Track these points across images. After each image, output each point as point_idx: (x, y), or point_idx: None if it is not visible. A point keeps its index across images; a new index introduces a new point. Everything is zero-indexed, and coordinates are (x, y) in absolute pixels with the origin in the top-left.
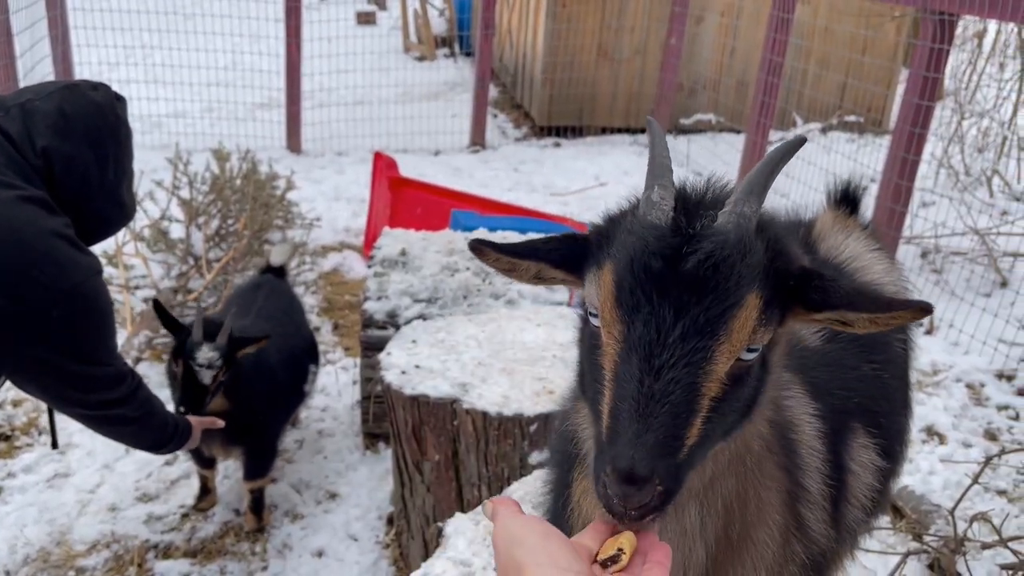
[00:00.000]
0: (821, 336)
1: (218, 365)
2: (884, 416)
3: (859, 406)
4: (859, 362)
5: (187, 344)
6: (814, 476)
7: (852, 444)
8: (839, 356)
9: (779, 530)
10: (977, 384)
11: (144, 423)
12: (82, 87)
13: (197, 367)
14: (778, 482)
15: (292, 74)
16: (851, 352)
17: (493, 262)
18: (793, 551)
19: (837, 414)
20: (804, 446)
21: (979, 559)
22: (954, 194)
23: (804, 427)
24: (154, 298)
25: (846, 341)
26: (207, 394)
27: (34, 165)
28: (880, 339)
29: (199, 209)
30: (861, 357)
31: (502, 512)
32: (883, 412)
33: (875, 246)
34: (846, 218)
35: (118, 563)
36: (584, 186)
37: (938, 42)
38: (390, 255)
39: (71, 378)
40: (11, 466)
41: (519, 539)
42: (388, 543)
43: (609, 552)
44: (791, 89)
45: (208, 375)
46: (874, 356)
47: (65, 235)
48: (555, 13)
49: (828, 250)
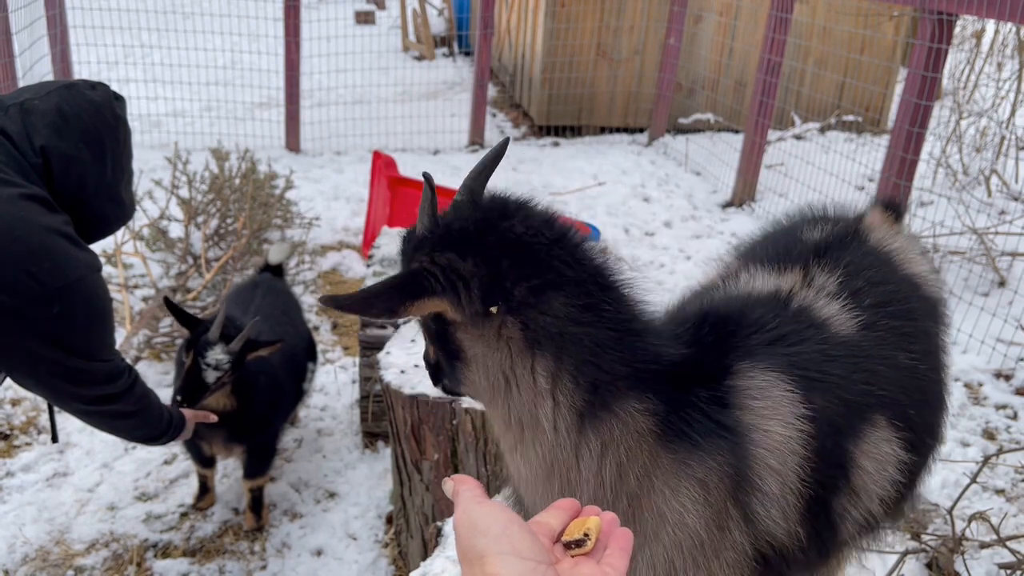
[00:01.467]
0: (857, 323)
1: (225, 368)
2: (914, 408)
3: (884, 398)
4: (895, 351)
5: (201, 340)
6: (779, 476)
7: (869, 438)
8: (872, 346)
9: (709, 515)
10: (975, 383)
11: (141, 417)
12: (80, 86)
13: (204, 365)
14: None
15: (291, 73)
16: (888, 341)
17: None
18: (733, 539)
19: (852, 408)
20: (768, 449)
21: (977, 558)
22: (952, 193)
23: (775, 432)
24: (164, 296)
25: (884, 331)
26: (206, 391)
27: (33, 164)
28: (921, 329)
29: (198, 208)
30: (898, 346)
31: (464, 495)
32: (913, 404)
33: (922, 249)
34: (893, 221)
35: (117, 562)
36: (583, 185)
37: (936, 41)
38: (389, 254)
39: (70, 373)
40: (10, 465)
41: (481, 528)
42: (387, 542)
43: (575, 535)
44: (789, 89)
45: (213, 375)
46: (912, 346)
47: (64, 232)
48: (554, 13)
49: (878, 241)
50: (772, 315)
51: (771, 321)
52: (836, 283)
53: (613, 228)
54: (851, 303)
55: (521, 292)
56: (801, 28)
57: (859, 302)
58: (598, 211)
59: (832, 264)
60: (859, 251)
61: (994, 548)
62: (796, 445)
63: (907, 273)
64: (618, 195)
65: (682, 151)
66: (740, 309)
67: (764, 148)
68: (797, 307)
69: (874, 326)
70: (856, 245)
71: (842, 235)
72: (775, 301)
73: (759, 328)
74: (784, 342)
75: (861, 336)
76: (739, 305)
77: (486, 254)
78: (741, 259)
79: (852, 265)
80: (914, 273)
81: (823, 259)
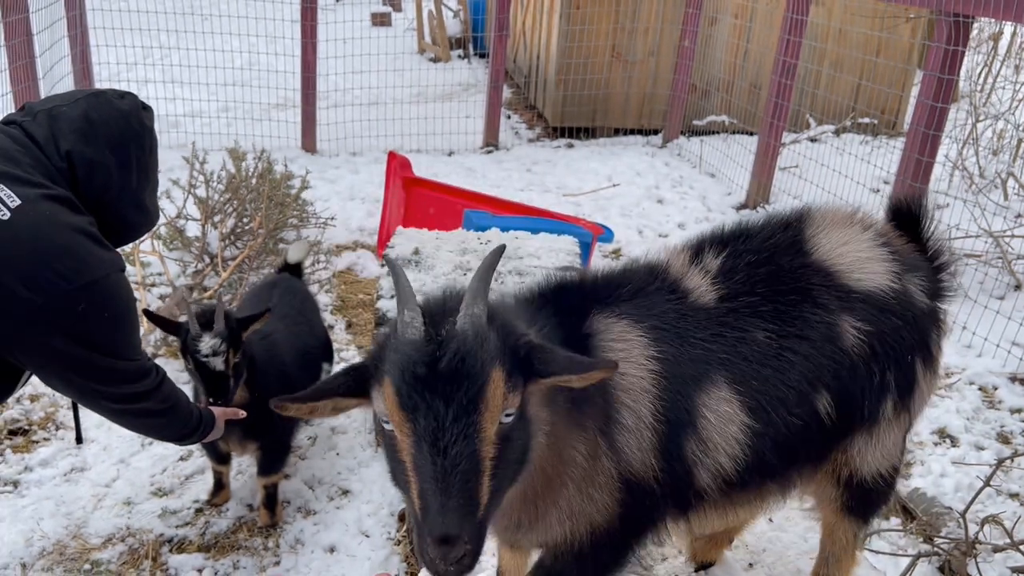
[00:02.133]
0: (717, 296)
1: (223, 350)
2: (757, 379)
3: (725, 361)
4: (751, 328)
5: (188, 340)
6: (632, 411)
7: (710, 393)
8: (725, 317)
9: (587, 449)
10: (990, 387)
11: (169, 416)
12: (109, 95)
13: (204, 358)
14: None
15: (307, 75)
16: (744, 317)
17: (295, 412)
18: (602, 465)
19: (695, 362)
20: (621, 389)
21: (990, 562)
22: (968, 196)
23: (628, 373)
24: (144, 309)
25: (746, 306)
26: (227, 379)
27: (58, 167)
28: (796, 314)
29: (215, 208)
30: (756, 325)
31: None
32: (757, 376)
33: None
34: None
35: (133, 556)
36: (597, 187)
37: (953, 44)
38: (403, 254)
39: (97, 372)
40: (28, 460)
41: None
42: (399, 539)
43: None
44: (804, 91)
45: (218, 361)
46: (775, 327)
47: (88, 231)
48: (569, 15)
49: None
50: (637, 281)
51: (631, 283)
52: (717, 264)
53: (627, 229)
54: (721, 280)
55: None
56: (817, 30)
57: (729, 280)
58: (612, 212)
59: (730, 247)
60: (763, 237)
61: (1007, 552)
62: (647, 384)
63: (808, 260)
64: (632, 196)
65: (696, 153)
66: (607, 277)
67: (779, 150)
68: (666, 278)
69: (732, 299)
70: (767, 233)
71: (763, 226)
72: (649, 272)
73: (617, 287)
74: (639, 298)
75: (716, 306)
76: (610, 275)
77: None
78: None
79: (741, 251)
80: (817, 260)
81: (724, 244)
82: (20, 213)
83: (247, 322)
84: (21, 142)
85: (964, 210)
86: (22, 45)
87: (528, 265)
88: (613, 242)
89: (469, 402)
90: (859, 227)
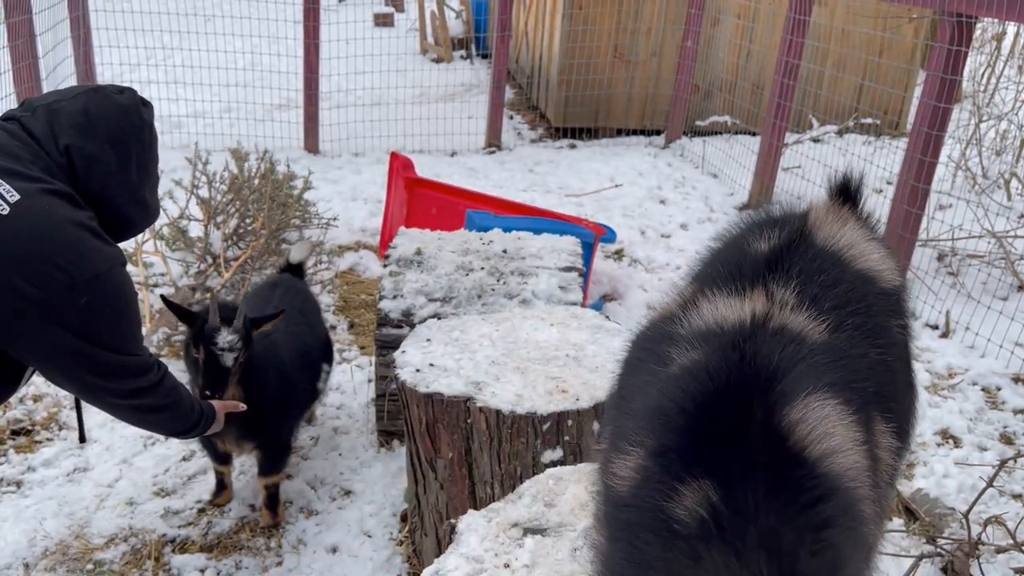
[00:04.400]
0: (826, 328)
1: (239, 347)
2: (894, 399)
3: (874, 394)
4: (866, 349)
5: (205, 330)
6: (868, 499)
7: (876, 433)
8: (847, 347)
9: None
10: (993, 387)
11: (172, 411)
12: (108, 90)
13: (219, 351)
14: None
15: (310, 75)
16: (857, 340)
17: None
18: None
19: (860, 408)
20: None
21: (993, 563)
22: (971, 197)
23: (855, 462)
24: (162, 295)
25: (851, 329)
26: (228, 375)
27: (57, 162)
28: (880, 324)
29: (217, 208)
30: (866, 344)
31: None
32: (892, 395)
33: (871, 235)
34: (840, 209)
35: (135, 556)
36: (599, 187)
37: (955, 44)
38: (405, 254)
39: (99, 367)
40: (31, 460)
41: None
42: (402, 540)
43: None
44: (807, 91)
45: (230, 358)
46: (877, 341)
47: (89, 226)
48: (571, 15)
49: (825, 240)
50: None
51: (775, 352)
52: (794, 295)
53: (629, 230)
54: (814, 311)
55: None
56: (819, 30)
57: (820, 308)
58: (614, 213)
59: (784, 276)
60: (807, 256)
61: (1010, 553)
62: (864, 459)
63: (857, 269)
64: (634, 197)
65: (699, 153)
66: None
67: (781, 151)
68: (774, 328)
69: (840, 328)
70: (804, 249)
71: (788, 242)
72: (754, 328)
73: (773, 363)
74: (800, 364)
75: (833, 339)
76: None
77: None
78: (695, 283)
79: (804, 273)
80: (866, 268)
81: (775, 272)
82: (20, 208)
83: (260, 321)
84: (20, 137)
85: (967, 210)
86: (25, 46)
87: (531, 266)
88: (615, 243)
89: None
90: (852, 223)
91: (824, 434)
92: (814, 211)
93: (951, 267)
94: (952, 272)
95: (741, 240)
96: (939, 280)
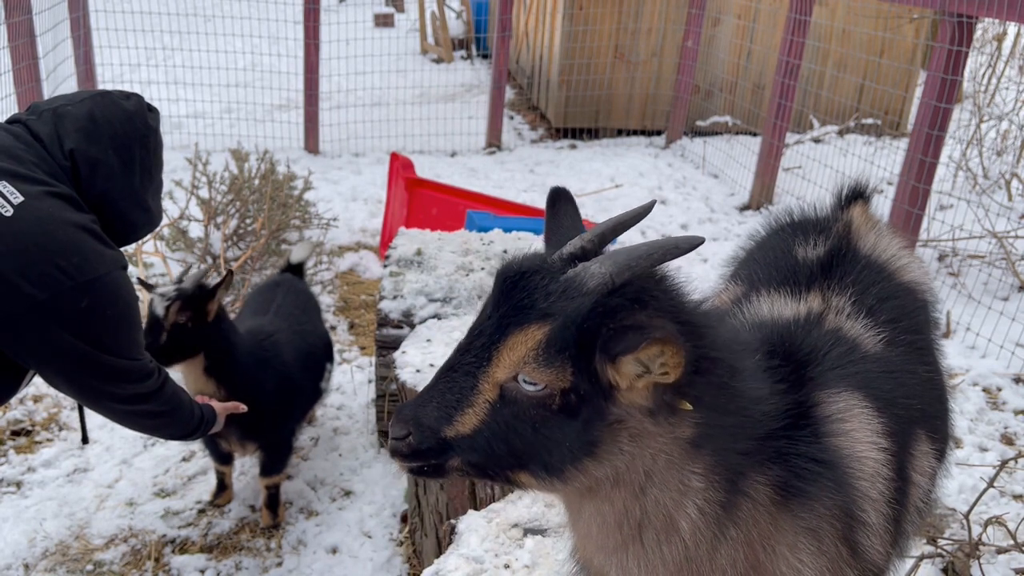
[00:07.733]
0: (881, 341)
1: (171, 296)
2: (939, 419)
3: (922, 412)
4: (916, 366)
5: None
6: (875, 504)
7: (916, 453)
8: (900, 362)
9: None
10: (994, 388)
11: (172, 416)
12: (114, 95)
13: (155, 295)
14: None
15: (310, 76)
16: (909, 357)
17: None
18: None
19: (903, 424)
20: (865, 479)
21: (994, 563)
22: (972, 197)
23: (867, 458)
24: (139, 278)
25: (904, 345)
26: (163, 330)
27: (62, 165)
28: (929, 343)
29: (218, 208)
30: (917, 361)
31: None
32: (938, 414)
33: (904, 246)
34: (869, 215)
35: (135, 557)
36: (599, 188)
37: (956, 44)
38: (406, 255)
39: (100, 370)
40: (31, 461)
41: None
42: (402, 540)
43: None
44: (808, 91)
45: (161, 305)
46: (927, 359)
47: (91, 229)
48: (572, 15)
49: (871, 250)
50: (821, 340)
51: (824, 345)
52: (850, 303)
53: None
54: (870, 321)
55: (711, 386)
56: (820, 31)
57: (876, 319)
58: (615, 213)
59: (840, 284)
60: (859, 265)
61: (1011, 553)
62: (883, 467)
63: (903, 282)
64: (635, 197)
65: (699, 154)
66: (792, 336)
67: (782, 151)
68: (828, 329)
69: (895, 342)
70: (853, 259)
71: (837, 250)
72: (808, 324)
73: (818, 352)
74: (843, 362)
75: (888, 352)
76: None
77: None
78: (744, 283)
79: (859, 282)
80: (910, 281)
81: (830, 279)
82: (23, 209)
83: (208, 291)
84: (25, 140)
85: (968, 211)
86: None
87: None
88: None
89: (499, 326)
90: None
91: (841, 418)
92: (855, 219)
93: (952, 267)
94: (953, 272)
95: (783, 244)
96: (940, 280)
